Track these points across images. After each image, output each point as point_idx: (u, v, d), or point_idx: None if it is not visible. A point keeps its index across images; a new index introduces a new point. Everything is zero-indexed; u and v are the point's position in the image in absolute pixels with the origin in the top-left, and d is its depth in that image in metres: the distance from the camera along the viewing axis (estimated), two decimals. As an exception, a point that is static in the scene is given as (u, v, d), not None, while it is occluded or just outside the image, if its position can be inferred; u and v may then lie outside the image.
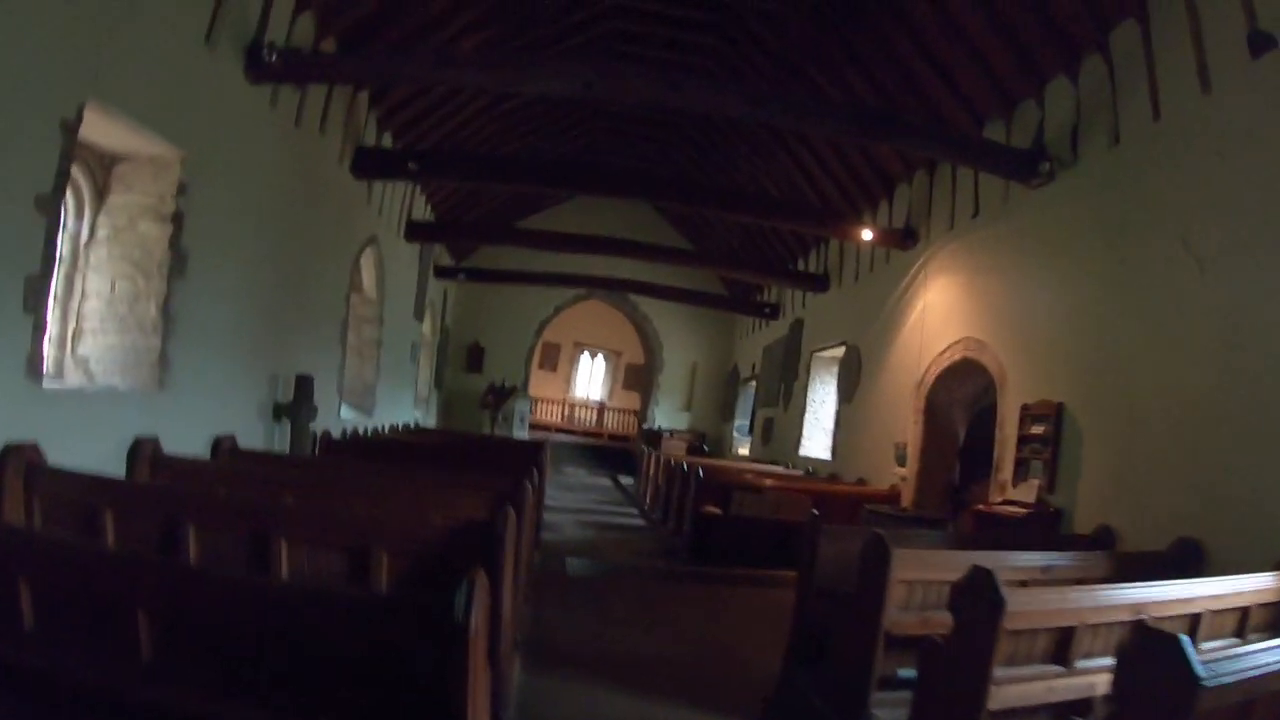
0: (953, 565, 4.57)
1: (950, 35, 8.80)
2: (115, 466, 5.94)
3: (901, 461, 10.92)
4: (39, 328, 5.22)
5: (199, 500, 4.28)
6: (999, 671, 3.52)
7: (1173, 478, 6.24)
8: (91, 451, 5.67)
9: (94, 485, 4.52)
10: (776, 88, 11.07)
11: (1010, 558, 5.01)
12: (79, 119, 5.21)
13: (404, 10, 9.16)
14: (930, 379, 10.50)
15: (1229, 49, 6.10)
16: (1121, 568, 5.45)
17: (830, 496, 10.56)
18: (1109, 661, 3.92)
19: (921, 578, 4.54)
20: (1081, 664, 3.94)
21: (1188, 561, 5.64)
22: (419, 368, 17.15)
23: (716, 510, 10.11)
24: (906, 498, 10.59)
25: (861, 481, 11.92)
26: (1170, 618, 4.15)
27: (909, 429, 10.87)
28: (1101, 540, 6.62)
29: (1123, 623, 4.05)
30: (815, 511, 5.91)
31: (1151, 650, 2.60)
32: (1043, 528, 7.39)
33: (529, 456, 9.16)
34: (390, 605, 2.69)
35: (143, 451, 6.12)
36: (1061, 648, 3.87)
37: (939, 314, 10.61)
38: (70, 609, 2.85)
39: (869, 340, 12.85)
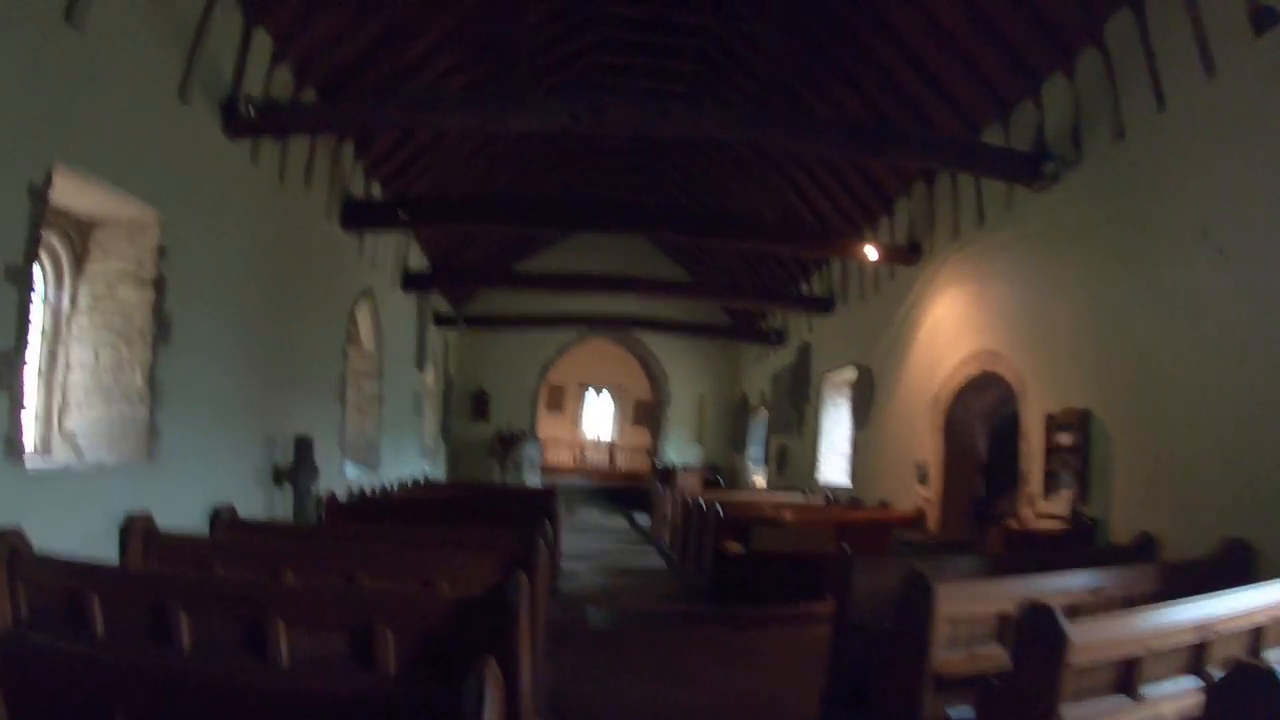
0: (998, 596, 4.29)
1: (939, 42, 8.62)
2: (107, 545, 5.66)
3: (924, 481, 10.59)
4: (16, 404, 4.98)
5: (191, 584, 4.01)
6: (1066, 709, 3.22)
7: (1212, 476, 5.95)
8: (81, 531, 5.41)
9: (80, 571, 4.27)
10: (766, 109, 10.90)
11: (1055, 581, 4.74)
12: (48, 183, 5.01)
13: (382, 56, 9.03)
14: (947, 394, 10.20)
15: (1230, 29, 5.90)
16: (1171, 579, 5.18)
17: (854, 524, 10.21)
18: (1175, 687, 3.66)
19: (967, 612, 4.22)
20: (1148, 692, 3.63)
21: (1237, 563, 5.35)
22: (424, 419, 16.88)
23: (737, 547, 9.76)
24: (932, 518, 10.25)
25: (884, 505, 11.57)
26: (1234, 633, 3.89)
27: (928, 447, 10.55)
28: (1143, 549, 6.33)
29: (1189, 646, 3.78)
30: (845, 546, 5.60)
31: (1247, 687, 2.31)
32: (1079, 540, 7.07)
33: (541, 506, 8.86)
34: (392, 702, 2.39)
35: (135, 529, 5.84)
36: (1125, 677, 3.57)
37: (950, 327, 10.34)
38: (48, 714, 2.59)
39: (880, 359, 12.57)
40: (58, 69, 5.02)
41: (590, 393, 28.51)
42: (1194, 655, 3.81)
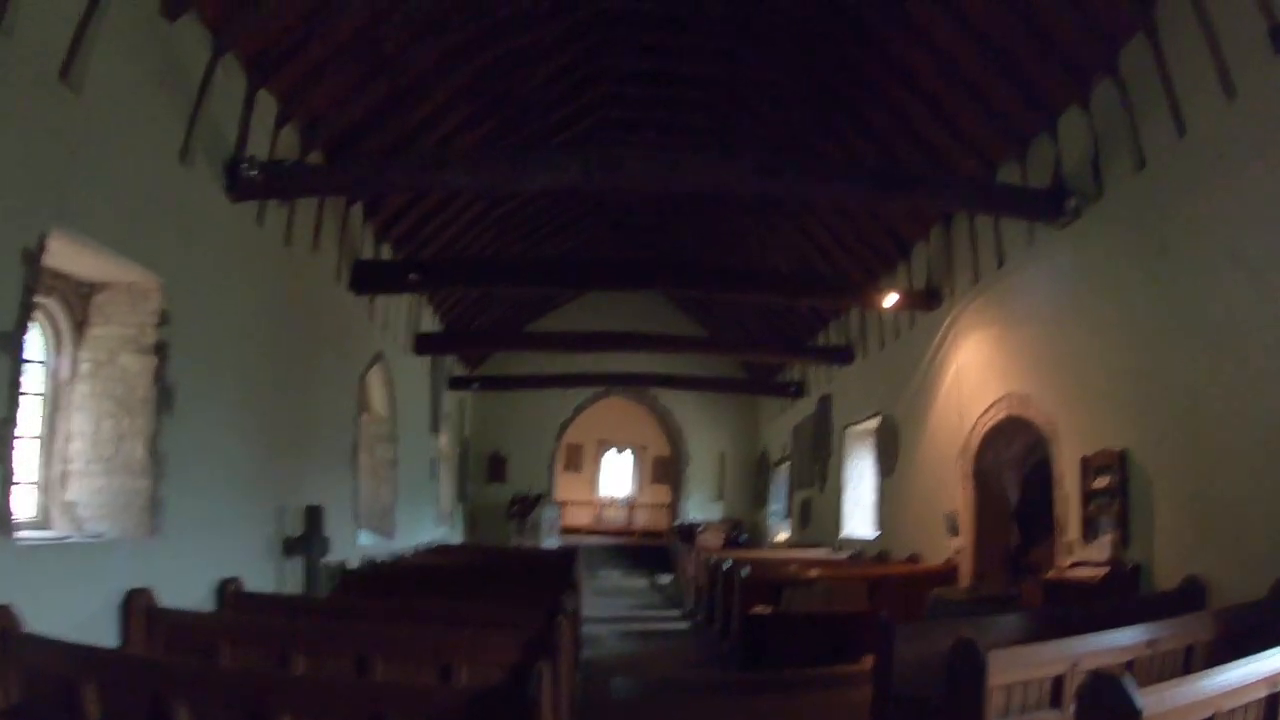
0: (1052, 659, 4.01)
1: (952, 82, 8.50)
2: (107, 622, 5.42)
3: (954, 532, 10.20)
4: (7, 478, 4.76)
5: (192, 673, 3.77)
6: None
7: (1260, 513, 5.64)
8: (80, 608, 5.15)
9: (75, 655, 4.04)
10: (779, 157, 10.80)
11: (1108, 638, 4.45)
12: (42, 248, 4.87)
13: (391, 116, 8.99)
14: (975, 442, 9.87)
15: (1248, 50, 5.75)
16: (1227, 626, 4.94)
17: (885, 580, 9.82)
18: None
19: (1020, 678, 3.92)
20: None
21: None
22: (439, 483, 16.61)
23: (765, 609, 9.37)
24: (965, 570, 9.84)
25: (914, 558, 11.15)
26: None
27: (958, 497, 10.18)
28: (1191, 594, 5.99)
29: (1262, 699, 3.54)
30: (884, 614, 5.28)
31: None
32: (1123, 587, 6.72)
33: (561, 570, 8.56)
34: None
35: (136, 606, 5.62)
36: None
37: (975, 372, 10.05)
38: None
39: (904, 409, 12.25)
40: (53, 130, 4.91)
41: (608, 451, 28.17)
42: (1268, 709, 3.57)
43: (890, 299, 11.17)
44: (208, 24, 6.36)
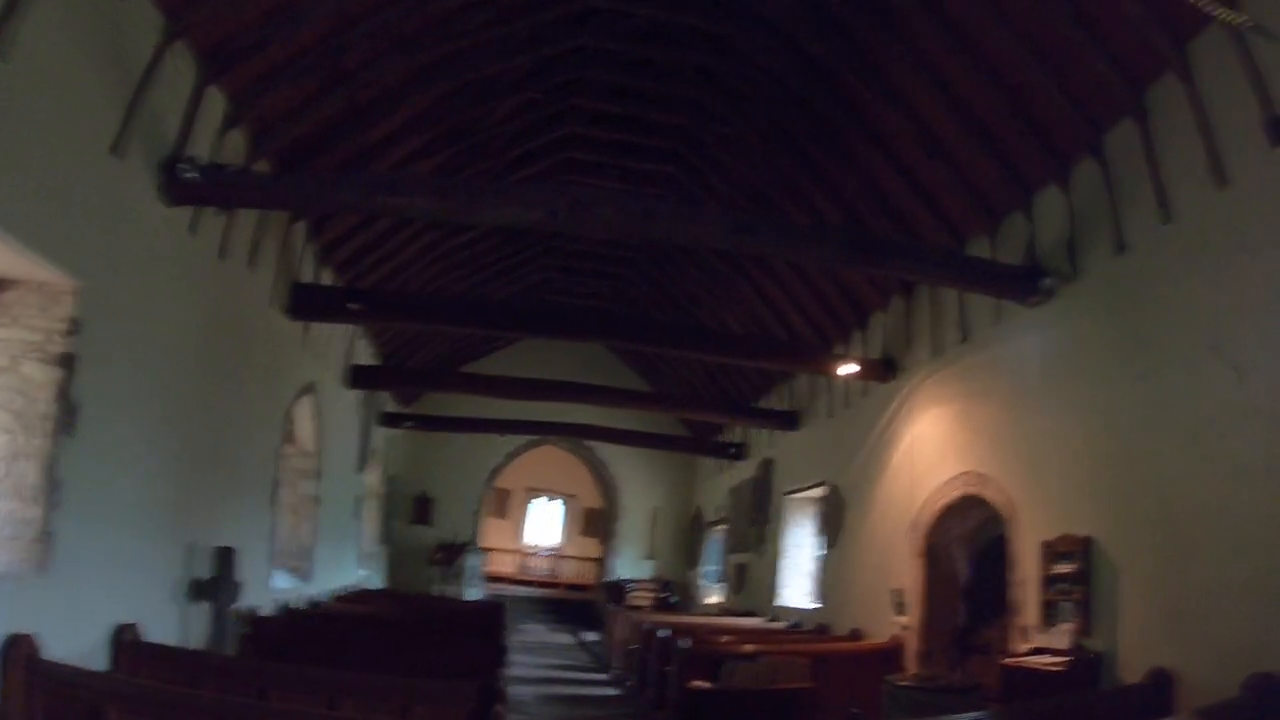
0: None
1: (928, 149, 8.37)
2: None
3: (901, 610, 9.88)
4: None
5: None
6: None
7: (1231, 606, 5.48)
8: None
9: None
10: (756, 214, 10.57)
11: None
12: None
13: (346, 132, 8.51)
14: (927, 518, 9.61)
15: (1243, 138, 5.66)
16: None
17: (830, 657, 9.42)
18: None
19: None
20: None
21: (1270, 700, 4.80)
22: (363, 523, 15.76)
23: (704, 684, 8.87)
24: (911, 648, 9.51)
25: (856, 634, 10.78)
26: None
27: (907, 573, 9.88)
28: (1160, 687, 5.80)
29: None
30: (856, 711, 4.87)
31: None
32: (1085, 677, 6.48)
33: (487, 629, 7.96)
34: None
35: (16, 655, 4.91)
36: None
37: (931, 447, 9.82)
38: None
39: (851, 479, 11.97)
40: None
41: (537, 499, 27.48)
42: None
43: (848, 368, 10.94)
44: (161, 5, 5.84)
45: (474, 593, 19.38)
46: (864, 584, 11.17)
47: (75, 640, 5.40)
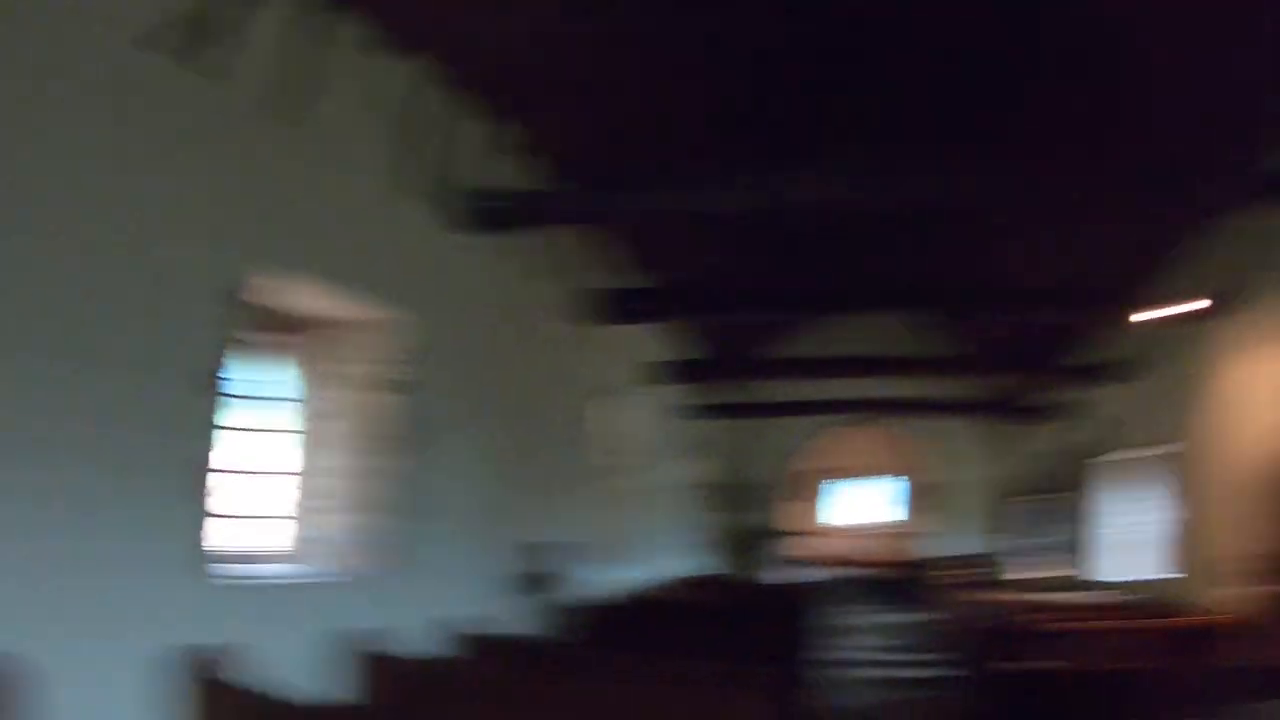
0: None
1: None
2: (326, 666, 5.38)
3: (1257, 579, 8.60)
4: (203, 517, 4.86)
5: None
6: None
7: None
8: (304, 650, 5.06)
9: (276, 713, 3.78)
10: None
11: None
12: (245, 285, 5.02)
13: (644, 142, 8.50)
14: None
15: None
16: None
17: (1188, 633, 8.42)
18: None
19: None
20: None
21: None
22: (676, 512, 16.44)
23: (1036, 664, 8.25)
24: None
25: (1205, 609, 9.51)
26: None
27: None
28: None
29: None
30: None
31: None
32: None
33: (802, 611, 7.91)
34: None
35: (358, 649, 5.43)
36: None
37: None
38: None
39: (1193, 432, 10.66)
40: (265, 164, 5.08)
41: (843, 478, 27.08)
42: None
43: (1189, 305, 9.71)
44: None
45: (793, 575, 19.45)
46: (1207, 551, 9.97)
47: (421, 634, 6.11)
